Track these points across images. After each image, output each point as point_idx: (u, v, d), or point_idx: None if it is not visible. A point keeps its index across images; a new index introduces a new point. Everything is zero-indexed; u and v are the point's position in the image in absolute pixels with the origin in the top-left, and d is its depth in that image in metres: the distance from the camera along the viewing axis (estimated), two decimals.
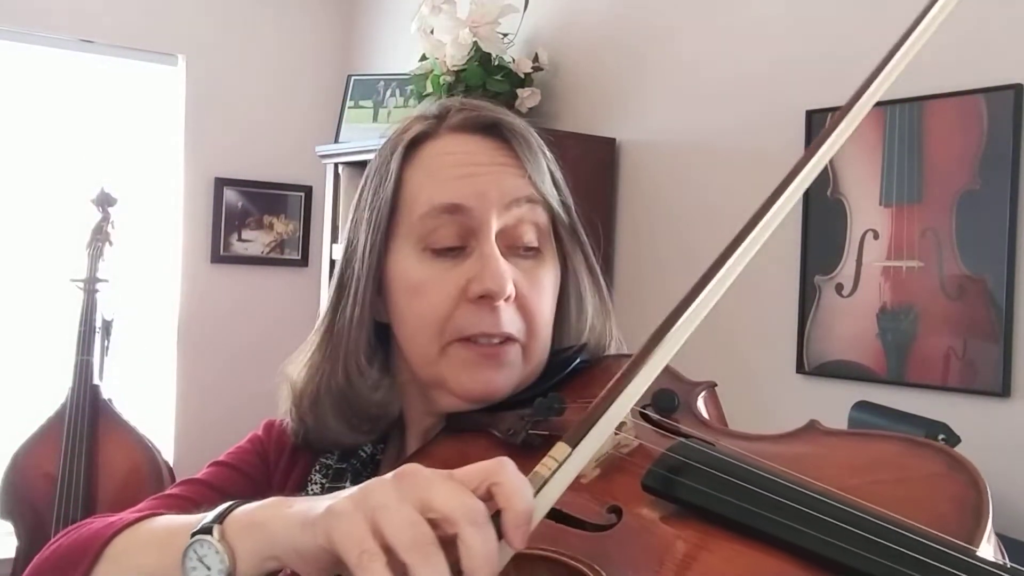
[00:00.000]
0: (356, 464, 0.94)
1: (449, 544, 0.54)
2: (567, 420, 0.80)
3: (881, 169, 2.23)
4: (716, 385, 0.84)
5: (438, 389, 0.89)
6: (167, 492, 0.96)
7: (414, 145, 0.91)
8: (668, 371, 0.66)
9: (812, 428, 0.72)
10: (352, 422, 0.92)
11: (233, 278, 3.97)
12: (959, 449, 0.64)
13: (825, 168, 2.52)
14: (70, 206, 3.55)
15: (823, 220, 2.34)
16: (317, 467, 0.95)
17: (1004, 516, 2.03)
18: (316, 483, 0.94)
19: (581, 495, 0.69)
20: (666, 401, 0.78)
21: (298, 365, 0.95)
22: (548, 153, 0.95)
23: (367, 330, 0.91)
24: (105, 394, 3.07)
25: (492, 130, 0.91)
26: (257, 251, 4.04)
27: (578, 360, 0.92)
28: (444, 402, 0.89)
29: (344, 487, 0.90)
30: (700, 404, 0.81)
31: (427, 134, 0.92)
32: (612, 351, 0.98)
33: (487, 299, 0.85)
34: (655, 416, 0.77)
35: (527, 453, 0.79)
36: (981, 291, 2.05)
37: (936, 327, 2.13)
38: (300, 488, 0.95)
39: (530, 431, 0.80)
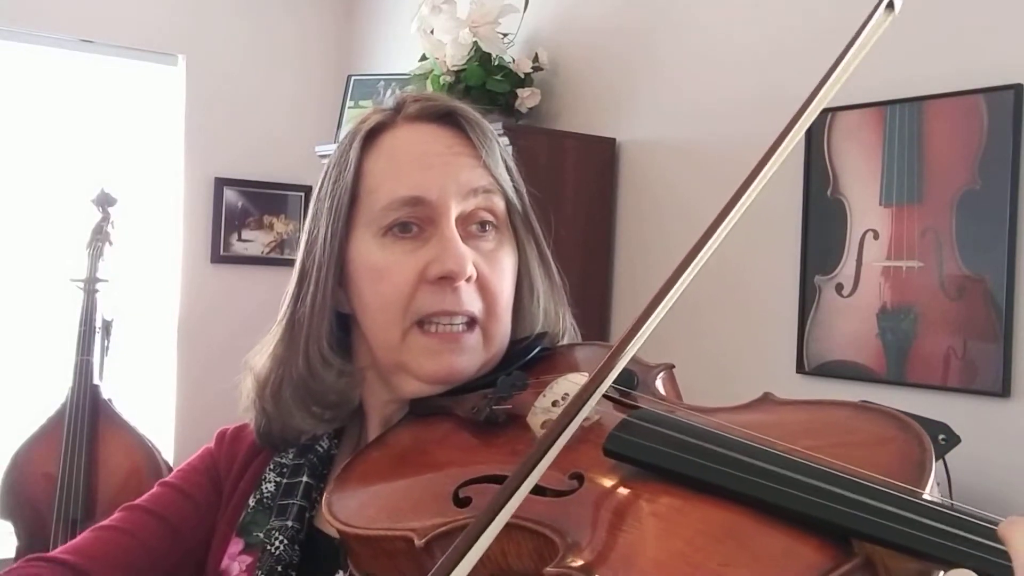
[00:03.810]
0: (313, 459, 0.95)
1: None
2: (528, 398, 0.82)
3: (881, 169, 2.23)
4: (674, 367, 0.87)
5: (401, 374, 0.90)
6: (107, 523, 0.96)
7: (372, 135, 0.93)
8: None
9: (766, 399, 0.76)
10: (313, 410, 0.93)
11: (233, 278, 3.97)
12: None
13: (825, 168, 2.51)
14: (70, 206, 3.55)
15: (823, 220, 2.34)
16: (271, 466, 0.97)
17: (1004, 516, 2.02)
18: (271, 481, 0.95)
19: None
20: (625, 380, 0.80)
21: (262, 356, 0.97)
22: (500, 141, 0.97)
23: (328, 318, 0.93)
24: (105, 394, 3.07)
25: (448, 119, 0.93)
26: (257, 251, 4.04)
27: (538, 348, 0.94)
28: (407, 387, 0.91)
29: (301, 481, 0.92)
30: (659, 384, 0.84)
31: (385, 124, 0.94)
32: (567, 340, 1.00)
33: (447, 280, 0.87)
34: (614, 392, 0.79)
35: (490, 430, 0.82)
36: (981, 291, 2.05)
37: (936, 327, 2.13)
38: (254, 488, 0.96)
39: (493, 407, 0.82)
